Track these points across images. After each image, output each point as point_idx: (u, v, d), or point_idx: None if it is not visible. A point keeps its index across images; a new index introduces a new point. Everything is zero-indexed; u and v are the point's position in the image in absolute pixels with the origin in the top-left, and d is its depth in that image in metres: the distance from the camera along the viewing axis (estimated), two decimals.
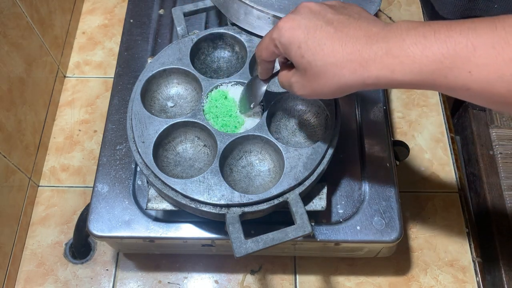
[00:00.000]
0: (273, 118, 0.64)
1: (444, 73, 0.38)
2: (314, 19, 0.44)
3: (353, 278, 0.75)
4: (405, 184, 0.82)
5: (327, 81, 0.43)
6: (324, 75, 0.43)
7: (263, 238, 0.53)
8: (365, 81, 0.41)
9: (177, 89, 0.67)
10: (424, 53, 0.38)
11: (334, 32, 0.43)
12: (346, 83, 0.43)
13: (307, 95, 0.47)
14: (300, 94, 0.48)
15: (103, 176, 0.68)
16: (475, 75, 0.36)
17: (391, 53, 0.40)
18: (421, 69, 0.38)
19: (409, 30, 0.39)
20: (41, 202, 0.81)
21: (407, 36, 0.39)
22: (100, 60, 0.95)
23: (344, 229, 0.64)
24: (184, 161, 0.61)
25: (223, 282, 0.74)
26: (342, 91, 0.44)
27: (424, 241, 0.78)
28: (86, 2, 1.02)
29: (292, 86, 0.48)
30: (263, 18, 0.63)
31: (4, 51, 0.72)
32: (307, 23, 0.44)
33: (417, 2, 1.02)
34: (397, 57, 0.39)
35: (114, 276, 0.75)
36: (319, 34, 0.43)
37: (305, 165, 0.57)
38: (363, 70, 0.41)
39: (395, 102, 0.90)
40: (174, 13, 0.69)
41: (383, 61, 0.40)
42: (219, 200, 0.55)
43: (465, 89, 0.37)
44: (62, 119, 0.89)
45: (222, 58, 0.70)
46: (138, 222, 0.64)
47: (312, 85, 0.45)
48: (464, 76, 0.37)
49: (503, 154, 0.84)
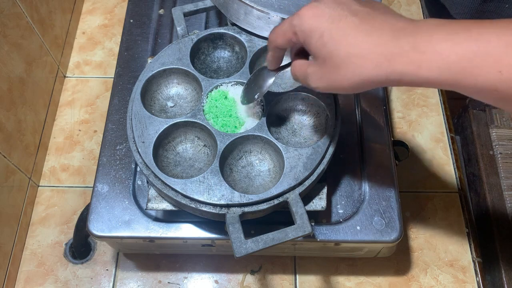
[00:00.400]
0: (273, 118, 0.64)
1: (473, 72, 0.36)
2: (338, 8, 0.43)
3: (353, 278, 0.75)
4: (405, 184, 0.82)
5: (348, 73, 0.41)
6: (346, 66, 0.41)
7: (263, 238, 0.53)
8: (389, 76, 0.40)
9: (177, 89, 0.67)
10: (454, 50, 0.36)
11: (359, 23, 0.41)
12: (368, 77, 0.41)
13: (324, 87, 0.45)
14: (315, 86, 0.46)
15: (103, 176, 0.68)
16: (505, 75, 0.35)
17: (418, 48, 0.38)
18: (449, 67, 0.37)
19: (438, 26, 0.38)
20: (41, 202, 0.81)
21: (436, 32, 0.38)
22: (100, 60, 0.95)
23: (344, 229, 0.64)
24: (184, 161, 0.61)
25: (223, 282, 0.74)
26: (362, 85, 0.42)
27: (424, 241, 0.78)
28: (86, 2, 1.02)
29: (308, 78, 0.46)
30: (263, 18, 0.63)
31: (4, 51, 0.72)
32: (332, 12, 0.43)
33: (417, 2, 1.02)
34: (425, 52, 0.38)
35: (114, 276, 0.75)
36: (343, 24, 0.42)
37: (305, 165, 0.57)
38: (388, 64, 0.39)
39: (395, 102, 0.90)
40: (174, 13, 0.69)
41: (409, 56, 0.38)
42: (219, 200, 0.55)
43: (493, 90, 0.36)
44: (62, 119, 0.89)
45: (222, 58, 0.70)
46: (138, 222, 0.64)
47: (330, 77, 0.43)
48: (494, 76, 0.35)
49: (503, 154, 0.84)
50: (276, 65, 0.54)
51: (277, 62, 0.54)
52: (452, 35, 0.37)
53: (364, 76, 0.41)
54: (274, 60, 0.53)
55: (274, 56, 0.52)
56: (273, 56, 0.52)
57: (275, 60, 0.53)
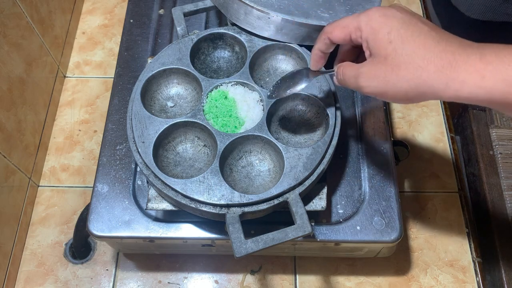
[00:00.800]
0: (273, 118, 0.64)
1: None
2: (408, 15, 0.43)
3: (353, 278, 0.75)
4: (405, 184, 0.82)
5: (408, 73, 0.41)
6: (407, 66, 0.41)
7: (263, 238, 0.53)
8: (448, 83, 0.39)
9: (177, 89, 0.67)
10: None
11: (428, 30, 0.41)
12: (427, 81, 0.40)
13: (376, 88, 0.43)
14: (366, 85, 0.44)
15: (103, 176, 0.68)
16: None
17: (485, 58, 0.38)
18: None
19: (506, 46, 0.38)
20: (41, 202, 0.81)
21: (504, 48, 0.37)
22: (100, 60, 0.95)
23: (344, 229, 0.64)
24: (184, 161, 0.61)
25: (223, 282, 0.74)
26: (417, 90, 0.41)
27: (424, 241, 0.78)
28: (86, 2, 1.02)
29: (360, 77, 0.45)
30: (263, 18, 0.63)
31: (4, 51, 0.72)
32: (403, 16, 0.43)
33: (417, 2, 1.02)
34: (491, 63, 0.37)
35: (114, 276, 0.75)
36: (413, 27, 0.42)
37: (305, 165, 0.57)
38: (451, 70, 0.39)
39: None
40: (174, 13, 0.69)
41: (475, 65, 0.38)
42: (219, 200, 0.55)
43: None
44: (62, 119, 0.89)
45: (222, 58, 0.70)
46: (138, 222, 0.64)
47: (387, 76, 0.42)
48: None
49: (503, 154, 0.84)
50: (320, 66, 0.53)
51: (321, 61, 0.53)
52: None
53: (424, 79, 0.40)
54: (318, 59, 0.52)
55: (318, 55, 0.52)
56: (318, 55, 0.52)
57: (319, 60, 0.52)
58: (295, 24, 0.63)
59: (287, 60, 0.69)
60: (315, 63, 0.54)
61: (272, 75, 0.68)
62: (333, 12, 0.67)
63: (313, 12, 0.66)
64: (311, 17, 0.64)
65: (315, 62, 0.54)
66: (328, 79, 0.64)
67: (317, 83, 0.63)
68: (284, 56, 0.68)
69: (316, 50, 0.52)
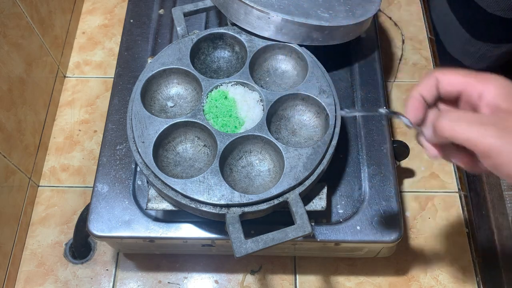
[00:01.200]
0: (273, 118, 0.64)
1: None
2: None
3: (353, 278, 0.75)
4: (405, 184, 0.82)
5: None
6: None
7: (263, 238, 0.53)
8: None
9: (177, 89, 0.67)
10: None
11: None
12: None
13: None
14: (498, 144, 0.34)
15: (103, 176, 0.68)
16: None
17: None
18: None
19: None
20: (41, 202, 0.81)
21: None
22: (100, 60, 0.95)
23: (344, 229, 0.64)
24: (184, 161, 0.61)
25: (223, 282, 0.74)
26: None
27: (424, 241, 0.78)
28: (86, 2, 1.02)
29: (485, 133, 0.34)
30: (263, 18, 0.64)
31: (4, 51, 0.72)
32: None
33: (417, 2, 1.02)
34: None
35: (114, 276, 0.75)
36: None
37: (305, 165, 0.57)
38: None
39: (395, 102, 0.90)
40: (174, 13, 0.69)
41: None
42: (219, 200, 0.55)
43: None
44: (62, 119, 0.89)
45: (222, 58, 0.70)
46: (138, 222, 0.64)
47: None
48: None
49: None
50: (418, 116, 0.42)
51: (420, 110, 0.41)
52: None
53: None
54: (418, 105, 0.41)
55: (419, 100, 0.41)
56: (418, 100, 0.41)
57: (418, 107, 0.41)
58: (295, 24, 0.64)
59: (287, 60, 0.69)
60: (414, 110, 0.41)
61: (272, 75, 0.68)
62: (333, 12, 0.67)
63: (313, 12, 0.66)
64: (311, 17, 0.64)
65: (414, 109, 0.41)
66: (328, 79, 0.64)
67: (317, 83, 0.63)
68: (284, 56, 0.68)
69: (416, 93, 0.41)
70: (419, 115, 0.42)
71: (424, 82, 0.41)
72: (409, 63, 0.94)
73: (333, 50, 0.69)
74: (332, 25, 0.65)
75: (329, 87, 0.63)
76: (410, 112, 0.42)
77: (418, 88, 0.41)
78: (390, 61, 0.94)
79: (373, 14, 0.71)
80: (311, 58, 0.66)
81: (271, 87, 0.67)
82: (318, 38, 0.66)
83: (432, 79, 0.41)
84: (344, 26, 0.66)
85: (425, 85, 0.41)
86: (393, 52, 0.96)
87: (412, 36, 0.97)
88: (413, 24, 0.99)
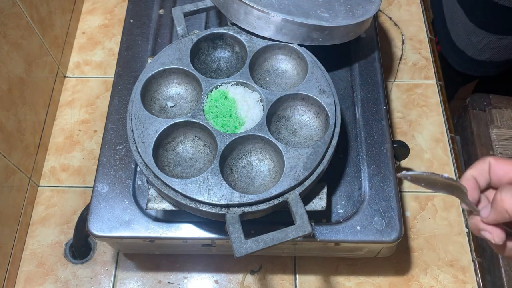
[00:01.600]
0: (273, 118, 0.64)
1: None
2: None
3: (353, 278, 0.75)
4: (405, 184, 0.82)
5: None
6: None
7: (263, 238, 0.53)
8: None
9: (177, 89, 0.67)
10: None
11: None
12: None
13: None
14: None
15: (103, 176, 0.68)
16: None
17: None
18: None
19: None
20: (41, 202, 0.81)
21: None
22: (100, 60, 0.95)
23: (344, 229, 0.64)
24: (184, 161, 0.61)
25: (223, 282, 0.74)
26: None
27: (424, 241, 0.78)
28: (86, 2, 1.02)
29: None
30: (263, 18, 0.64)
31: (4, 51, 0.72)
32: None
33: (417, 2, 1.02)
34: None
35: (114, 276, 0.75)
36: None
37: (305, 165, 0.57)
38: None
39: (395, 102, 0.90)
40: (174, 13, 0.69)
41: None
42: (219, 200, 0.55)
43: None
44: (62, 119, 0.89)
45: (222, 58, 0.70)
46: (138, 222, 0.64)
47: None
48: None
49: (503, 154, 0.84)
50: (475, 197, 0.42)
51: (475, 192, 0.41)
52: None
53: None
54: (473, 186, 0.41)
55: (474, 182, 0.41)
56: (473, 182, 0.41)
57: (474, 189, 0.41)
58: (295, 24, 0.64)
59: (287, 60, 0.69)
60: (470, 191, 0.42)
61: (272, 75, 0.68)
62: (333, 12, 0.67)
63: (313, 12, 0.66)
64: (311, 17, 0.64)
65: (470, 190, 0.42)
66: (328, 79, 0.64)
67: (317, 83, 0.63)
68: (284, 56, 0.68)
69: (469, 175, 0.42)
70: (475, 195, 0.41)
71: (477, 166, 0.42)
72: (409, 63, 0.94)
73: (333, 50, 0.69)
74: (332, 25, 0.65)
75: (329, 87, 0.63)
76: (468, 187, 0.41)
77: (470, 170, 0.42)
78: (390, 61, 0.94)
79: (373, 14, 0.71)
80: (311, 58, 0.66)
81: (271, 87, 0.67)
82: (318, 38, 0.66)
83: (484, 163, 0.41)
84: (344, 26, 0.66)
85: (477, 169, 0.42)
86: (393, 52, 0.96)
87: (412, 36, 0.97)
88: (413, 24, 0.99)
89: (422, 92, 0.91)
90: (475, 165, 0.42)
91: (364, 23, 0.70)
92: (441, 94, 0.91)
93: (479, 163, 0.42)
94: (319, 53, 0.67)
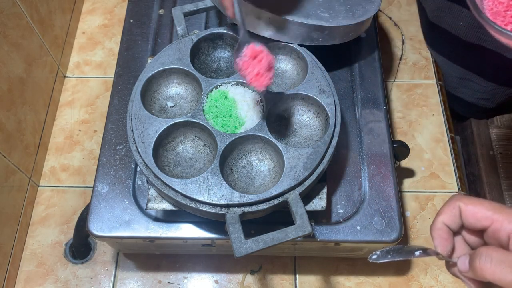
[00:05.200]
0: (273, 118, 0.64)
1: None
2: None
3: (353, 278, 0.75)
4: (405, 184, 0.82)
5: None
6: None
7: (263, 238, 0.53)
8: None
9: (177, 89, 0.67)
10: None
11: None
12: None
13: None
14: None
15: (103, 176, 0.68)
16: None
17: None
18: None
19: None
20: (41, 202, 0.81)
21: None
22: (100, 60, 0.95)
23: (344, 229, 0.64)
24: (184, 161, 0.61)
25: (223, 282, 0.74)
26: None
27: (424, 241, 0.78)
28: (86, 2, 1.02)
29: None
30: (263, 18, 0.63)
31: (4, 51, 0.72)
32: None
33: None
34: None
35: (114, 276, 0.75)
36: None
37: (305, 165, 0.57)
38: None
39: (395, 102, 0.90)
40: (174, 13, 0.69)
41: None
42: (219, 200, 0.55)
43: None
44: (62, 119, 0.89)
45: (222, 58, 0.70)
46: (138, 222, 0.64)
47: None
48: None
49: (503, 154, 0.84)
50: (449, 247, 0.40)
51: (449, 241, 0.40)
52: None
53: None
54: (446, 236, 0.40)
55: (445, 231, 0.40)
56: (444, 231, 0.40)
57: (447, 239, 0.40)
58: (295, 24, 0.64)
59: (287, 60, 0.69)
60: (442, 241, 0.40)
61: None
62: (333, 12, 0.67)
63: (313, 12, 0.66)
64: (311, 17, 0.64)
65: (442, 241, 0.40)
66: (328, 79, 0.64)
67: (317, 83, 0.63)
68: (284, 56, 0.68)
69: (440, 223, 0.40)
70: (448, 246, 0.40)
71: (447, 211, 0.40)
72: (409, 63, 0.94)
73: (333, 50, 0.69)
74: (332, 25, 0.65)
75: (329, 87, 0.63)
76: (439, 245, 0.40)
77: (440, 217, 0.40)
78: (390, 61, 0.94)
79: (373, 14, 0.71)
80: (311, 58, 0.66)
81: (271, 87, 0.67)
82: (318, 38, 0.66)
83: (454, 208, 0.40)
84: (344, 26, 0.66)
85: (448, 215, 0.40)
86: (393, 52, 0.96)
87: (412, 36, 0.97)
88: (413, 24, 0.99)
89: (422, 92, 0.91)
90: (444, 210, 0.40)
91: (364, 23, 0.70)
92: (441, 94, 0.91)
93: (448, 208, 0.40)
94: (319, 53, 0.67)
